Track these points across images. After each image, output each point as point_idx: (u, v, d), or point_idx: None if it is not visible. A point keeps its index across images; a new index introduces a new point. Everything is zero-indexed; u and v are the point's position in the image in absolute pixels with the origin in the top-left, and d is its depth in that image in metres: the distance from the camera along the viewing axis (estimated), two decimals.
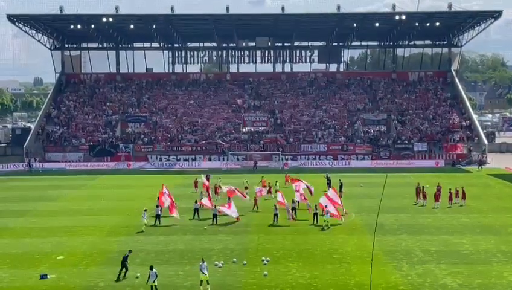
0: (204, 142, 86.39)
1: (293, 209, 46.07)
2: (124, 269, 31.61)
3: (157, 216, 44.20)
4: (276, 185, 56.22)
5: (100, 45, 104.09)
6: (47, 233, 41.73)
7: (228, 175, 70.03)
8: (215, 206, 45.41)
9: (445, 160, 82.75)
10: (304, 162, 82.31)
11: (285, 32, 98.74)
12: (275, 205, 45.08)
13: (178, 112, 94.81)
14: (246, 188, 56.00)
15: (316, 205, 44.62)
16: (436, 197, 50.44)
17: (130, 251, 32.99)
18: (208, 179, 56.96)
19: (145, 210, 43.39)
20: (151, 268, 29.54)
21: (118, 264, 33.80)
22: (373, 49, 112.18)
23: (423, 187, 52.93)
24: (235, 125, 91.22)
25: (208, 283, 29.46)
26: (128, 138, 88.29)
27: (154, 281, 29.07)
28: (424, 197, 51.59)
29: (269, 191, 54.53)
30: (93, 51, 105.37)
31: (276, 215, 44.12)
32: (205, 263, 29.94)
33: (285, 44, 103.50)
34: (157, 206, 45.02)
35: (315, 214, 43.82)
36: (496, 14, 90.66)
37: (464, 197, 51.12)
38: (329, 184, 58.31)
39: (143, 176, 73.56)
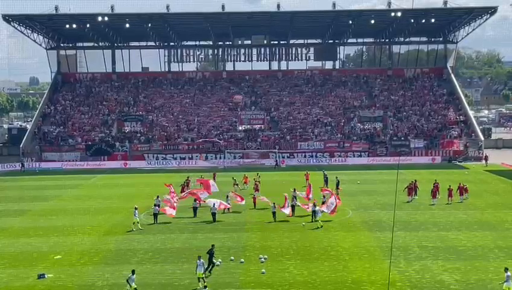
0: (201, 140, 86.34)
1: (293, 206, 46.13)
2: (211, 265, 31.51)
3: (155, 215, 44.18)
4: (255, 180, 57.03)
5: (96, 44, 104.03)
6: (44, 233, 41.66)
7: (226, 173, 69.94)
8: (213, 204, 45.30)
9: (441, 156, 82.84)
10: (300, 159, 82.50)
11: (281, 30, 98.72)
12: (273, 203, 45.08)
13: (174, 111, 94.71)
14: (236, 184, 57.34)
15: (314, 203, 44.71)
16: (434, 193, 50.49)
17: (213, 246, 32.60)
18: (214, 178, 57.81)
19: (136, 208, 43.02)
20: (133, 273, 28.67)
21: (115, 263, 33.86)
22: (369, 46, 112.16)
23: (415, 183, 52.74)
24: (232, 123, 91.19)
25: (204, 281, 29.43)
26: (124, 137, 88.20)
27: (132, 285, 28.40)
28: (410, 192, 51.40)
29: (256, 189, 54.45)
30: (89, 50, 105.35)
31: (274, 213, 44.20)
32: (202, 260, 29.91)
33: (281, 42, 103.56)
34: (155, 205, 45.01)
35: (313, 211, 43.82)
36: (491, 10, 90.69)
37: (461, 193, 51.16)
38: (326, 181, 58.51)
39: (140, 175, 73.44)
